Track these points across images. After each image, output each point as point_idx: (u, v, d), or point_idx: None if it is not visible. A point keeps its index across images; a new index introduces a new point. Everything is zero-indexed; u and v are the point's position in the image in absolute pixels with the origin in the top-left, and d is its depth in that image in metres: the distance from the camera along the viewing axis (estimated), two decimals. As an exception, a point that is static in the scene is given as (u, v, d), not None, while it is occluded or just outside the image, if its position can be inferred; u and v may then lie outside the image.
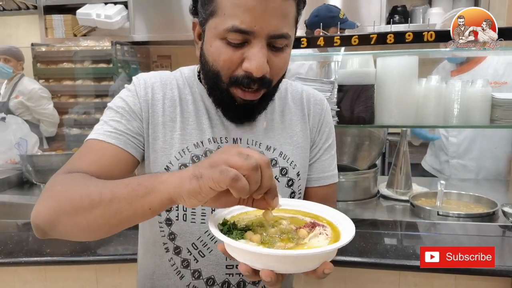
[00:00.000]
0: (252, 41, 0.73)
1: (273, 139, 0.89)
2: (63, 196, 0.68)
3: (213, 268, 0.87)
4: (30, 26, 3.82)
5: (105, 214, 0.65)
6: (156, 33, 3.37)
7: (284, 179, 0.88)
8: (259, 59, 0.73)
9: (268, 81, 0.78)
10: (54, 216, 0.68)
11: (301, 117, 0.93)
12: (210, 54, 0.78)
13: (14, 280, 1.34)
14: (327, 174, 0.95)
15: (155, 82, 0.87)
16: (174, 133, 0.85)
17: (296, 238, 0.63)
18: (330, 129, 0.96)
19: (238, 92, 0.78)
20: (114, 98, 0.87)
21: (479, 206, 1.53)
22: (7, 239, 1.42)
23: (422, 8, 3.18)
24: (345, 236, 0.62)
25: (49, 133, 3.39)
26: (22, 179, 2.08)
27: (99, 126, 0.83)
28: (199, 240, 0.85)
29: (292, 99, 0.94)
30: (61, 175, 0.74)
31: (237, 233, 0.63)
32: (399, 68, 1.43)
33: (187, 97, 0.88)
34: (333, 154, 0.97)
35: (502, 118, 1.40)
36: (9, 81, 3.35)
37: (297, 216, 0.71)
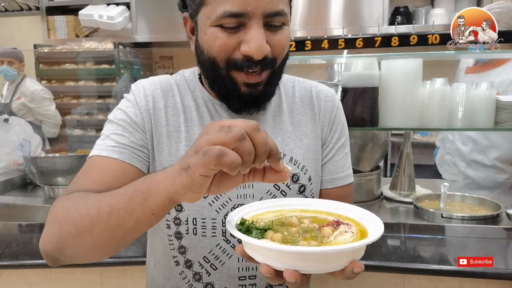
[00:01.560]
0: (248, 23, 0.70)
1: (283, 143, 0.85)
2: (65, 219, 0.65)
3: (226, 281, 0.84)
4: (32, 27, 3.82)
5: (108, 228, 0.61)
6: (158, 34, 3.37)
7: (296, 186, 0.85)
8: (258, 41, 0.69)
9: (271, 60, 0.74)
10: (60, 240, 0.65)
11: (311, 117, 0.88)
12: (205, 42, 0.74)
13: (19, 282, 1.35)
14: (340, 174, 0.90)
15: (156, 90, 0.83)
16: (180, 144, 0.81)
17: (320, 237, 0.58)
18: (342, 127, 0.91)
19: (241, 77, 0.74)
20: (113, 110, 0.83)
21: (482, 208, 1.53)
22: (12, 241, 1.42)
23: (424, 8, 3.18)
24: (374, 233, 0.57)
25: (51, 134, 3.40)
26: (25, 181, 2.08)
27: (100, 141, 0.79)
28: (210, 253, 0.83)
29: (300, 98, 0.90)
30: (62, 197, 0.71)
31: (257, 233, 0.58)
32: (403, 70, 1.43)
33: (189, 103, 0.84)
34: (347, 153, 0.92)
35: (507, 121, 1.40)
36: (11, 83, 3.36)
37: (318, 216, 0.66)
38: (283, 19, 0.73)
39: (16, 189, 2.02)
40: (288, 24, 0.76)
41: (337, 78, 2.13)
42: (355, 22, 3.09)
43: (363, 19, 3.09)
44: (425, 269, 1.20)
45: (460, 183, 1.99)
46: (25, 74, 3.39)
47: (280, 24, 0.73)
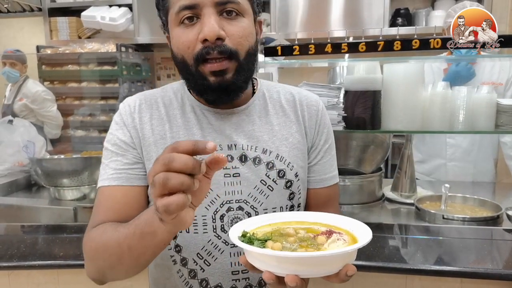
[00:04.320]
0: (201, 13, 0.77)
1: (269, 142, 0.89)
2: (96, 257, 0.79)
3: (220, 276, 0.88)
4: (35, 28, 3.84)
5: (132, 260, 0.73)
6: (160, 35, 3.34)
7: (282, 181, 0.89)
8: (208, 23, 0.76)
9: (229, 49, 0.78)
10: (99, 272, 0.80)
11: (295, 119, 0.93)
12: (174, 44, 0.82)
13: (27, 282, 1.36)
14: (328, 175, 0.96)
15: (141, 104, 0.90)
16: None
17: (316, 245, 0.64)
18: (328, 130, 0.97)
19: (206, 67, 0.79)
20: (107, 134, 0.91)
21: (483, 210, 1.55)
22: (19, 242, 1.44)
23: (425, 10, 3.19)
24: (363, 238, 0.63)
25: (53, 135, 3.41)
26: (30, 182, 2.10)
27: (102, 170, 0.88)
28: (203, 249, 0.87)
29: (286, 101, 0.95)
30: (88, 233, 0.83)
31: (258, 243, 0.64)
32: (405, 74, 1.45)
33: (175, 111, 0.89)
34: (333, 154, 0.98)
35: (507, 124, 1.42)
36: (14, 84, 3.38)
37: (312, 227, 0.73)
38: (236, 7, 0.78)
39: (21, 190, 2.04)
40: (246, 17, 0.81)
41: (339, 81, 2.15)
42: (356, 24, 3.11)
43: (364, 21, 3.11)
44: (427, 270, 1.22)
45: (460, 185, 2.02)
46: (27, 76, 3.41)
47: (233, 13, 0.79)
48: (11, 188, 2.00)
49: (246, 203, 0.87)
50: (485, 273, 1.19)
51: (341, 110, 1.47)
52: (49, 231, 1.54)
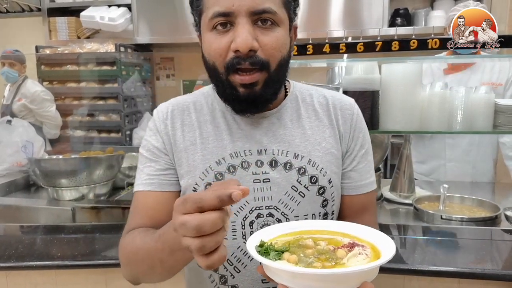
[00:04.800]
0: (235, 22, 0.75)
1: (301, 146, 0.87)
2: (132, 263, 0.83)
3: (250, 283, 0.87)
4: (34, 28, 3.83)
5: (164, 268, 0.76)
6: (160, 35, 3.38)
7: (315, 188, 0.86)
8: (242, 34, 0.74)
9: (261, 60, 0.76)
10: (134, 276, 0.85)
11: (328, 123, 0.90)
12: (205, 49, 0.81)
13: (25, 283, 1.36)
14: (364, 182, 0.92)
15: (174, 110, 0.91)
16: (196, 155, 0.87)
17: (335, 259, 0.62)
18: (364, 135, 0.93)
19: (236, 78, 0.78)
20: (142, 140, 0.93)
21: (481, 210, 1.55)
22: (17, 243, 1.44)
23: (424, 11, 3.19)
24: (385, 255, 0.60)
25: (52, 135, 3.41)
26: (28, 182, 2.10)
27: (138, 175, 0.91)
28: (233, 255, 0.86)
29: (319, 104, 0.92)
30: (123, 238, 0.87)
31: (274, 255, 0.62)
32: (404, 74, 1.45)
33: (205, 117, 0.90)
34: (370, 160, 0.94)
35: (505, 124, 1.42)
36: (13, 84, 3.37)
37: (335, 237, 0.70)
38: (272, 17, 0.76)
39: (19, 191, 2.04)
40: (281, 26, 0.79)
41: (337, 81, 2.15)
42: (355, 24, 3.11)
43: (363, 21, 3.11)
44: (425, 270, 1.22)
45: (459, 185, 2.02)
46: (26, 76, 3.40)
47: (268, 23, 0.76)
48: (10, 188, 2.00)
49: (277, 210, 0.85)
50: (483, 274, 1.19)
51: (339, 110, 1.46)
52: (47, 231, 1.54)
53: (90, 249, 1.39)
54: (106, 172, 1.81)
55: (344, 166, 0.91)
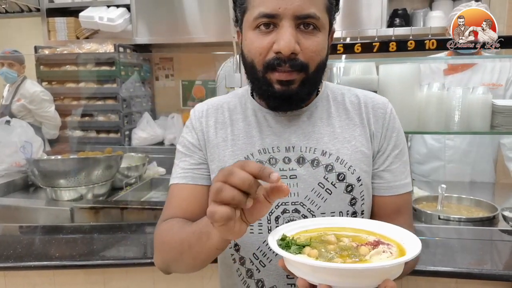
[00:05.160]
0: (279, 24, 0.78)
1: (329, 144, 0.87)
2: (163, 249, 0.87)
3: (275, 278, 0.89)
4: (33, 28, 3.83)
5: (192, 256, 0.80)
6: (159, 36, 3.38)
7: (342, 185, 0.86)
8: (285, 37, 0.76)
9: (301, 63, 0.79)
10: (164, 264, 0.89)
11: (359, 122, 0.90)
12: (245, 46, 0.84)
13: (23, 283, 1.37)
14: (398, 183, 0.90)
15: (209, 109, 0.96)
16: (226, 151, 0.90)
17: (357, 255, 0.61)
18: (398, 134, 0.91)
19: (274, 76, 0.80)
20: (179, 138, 0.98)
21: (479, 210, 1.56)
22: (16, 243, 1.44)
23: (422, 11, 3.19)
24: (410, 253, 0.59)
25: (51, 135, 3.41)
26: (27, 183, 2.10)
27: (173, 169, 0.95)
28: (258, 250, 0.88)
29: (351, 103, 0.92)
30: (159, 226, 0.91)
31: (295, 249, 0.62)
32: (401, 75, 1.45)
33: (237, 116, 0.94)
34: (405, 161, 0.92)
35: (503, 125, 1.42)
36: (12, 84, 3.37)
37: (360, 235, 0.68)
38: (315, 22, 0.79)
39: (18, 191, 2.04)
40: (322, 31, 0.81)
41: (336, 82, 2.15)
42: (354, 24, 3.11)
43: (362, 21, 3.11)
44: (423, 270, 1.22)
45: (458, 185, 2.02)
46: (25, 76, 3.40)
47: (311, 27, 0.79)
48: (8, 188, 2.00)
49: (303, 206, 0.86)
50: (480, 274, 1.19)
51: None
52: (46, 231, 1.55)
53: (88, 249, 1.39)
54: (105, 173, 1.81)
55: (376, 165, 0.90)
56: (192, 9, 3.22)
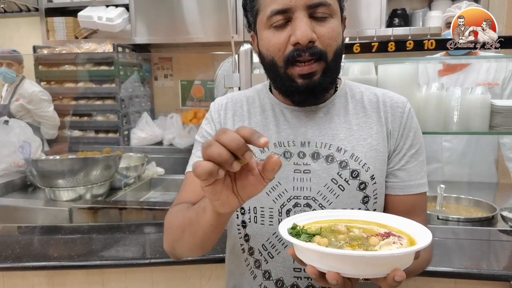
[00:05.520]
0: (293, 17, 0.79)
1: (345, 140, 0.88)
2: (170, 230, 0.87)
3: (282, 270, 0.90)
4: (31, 28, 3.83)
5: (190, 236, 0.80)
6: (158, 36, 3.37)
7: (355, 182, 0.86)
8: (301, 27, 0.78)
9: (319, 51, 0.80)
10: (170, 246, 0.88)
11: (377, 120, 0.90)
12: (263, 46, 0.85)
13: (22, 284, 1.36)
14: (413, 182, 0.89)
15: (228, 102, 0.98)
16: None
17: (367, 245, 0.61)
18: (415, 134, 0.91)
19: (295, 70, 0.81)
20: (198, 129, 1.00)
21: (478, 210, 1.56)
22: (14, 243, 1.44)
23: (421, 11, 3.19)
24: (420, 244, 0.59)
25: (49, 135, 3.40)
26: (26, 183, 2.10)
27: (190, 158, 0.98)
28: (268, 241, 0.90)
29: (369, 102, 0.92)
30: (170, 210, 0.92)
31: (305, 237, 0.63)
32: (400, 75, 1.45)
33: (256, 109, 0.95)
34: (421, 161, 0.91)
35: (501, 125, 1.42)
36: (10, 84, 3.37)
37: (371, 227, 0.69)
38: (327, 10, 0.80)
39: (17, 191, 2.04)
40: (335, 17, 0.82)
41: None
42: (353, 24, 3.11)
43: (361, 21, 3.11)
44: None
45: (457, 185, 2.02)
46: (24, 76, 3.40)
47: (325, 15, 0.80)
48: (7, 188, 2.00)
49: (315, 201, 0.87)
50: (479, 274, 1.20)
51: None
52: (44, 232, 1.54)
53: (87, 249, 1.39)
54: (103, 173, 1.81)
55: (391, 164, 0.90)
56: (191, 9, 3.22)
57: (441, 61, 2.07)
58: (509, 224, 1.42)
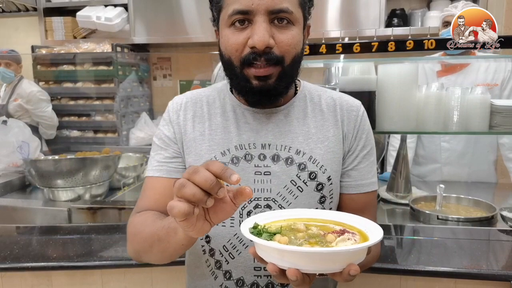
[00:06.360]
0: (253, 20, 0.79)
1: (303, 143, 0.90)
2: (135, 240, 0.89)
3: (242, 270, 0.91)
4: (30, 28, 3.82)
5: (160, 249, 0.81)
6: (156, 35, 3.37)
7: (313, 183, 0.90)
8: (259, 32, 0.78)
9: (276, 57, 0.81)
10: (135, 254, 0.90)
11: (333, 123, 0.93)
12: (222, 44, 0.85)
13: (20, 284, 1.36)
14: (365, 181, 0.95)
15: (187, 102, 0.96)
16: (203, 145, 0.92)
17: (324, 242, 0.65)
18: (367, 136, 0.96)
19: (251, 71, 0.82)
20: (156, 129, 0.99)
21: (478, 210, 1.56)
22: (13, 244, 1.43)
23: (420, 11, 3.20)
24: (372, 240, 0.63)
25: (48, 135, 3.40)
26: (24, 183, 2.09)
27: (149, 162, 0.96)
28: (229, 242, 0.91)
29: (326, 105, 0.95)
30: (132, 217, 0.93)
31: (266, 236, 0.66)
32: (400, 75, 1.45)
33: (216, 110, 0.94)
34: (372, 161, 0.96)
35: (501, 125, 1.42)
36: (9, 84, 3.36)
37: (328, 225, 0.73)
38: (288, 16, 0.81)
39: (15, 191, 2.03)
40: (296, 25, 0.83)
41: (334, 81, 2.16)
42: (352, 24, 3.11)
43: (360, 21, 3.11)
44: (421, 271, 1.22)
45: (456, 185, 2.02)
46: (22, 76, 3.39)
47: (285, 21, 0.81)
48: (5, 189, 1.99)
49: (274, 202, 0.89)
50: (479, 274, 1.20)
51: (336, 111, 1.47)
52: (43, 232, 1.54)
53: (86, 250, 1.39)
54: (102, 173, 1.81)
55: (345, 165, 0.94)
56: (189, 9, 3.22)
57: (439, 61, 2.07)
58: (509, 224, 1.42)
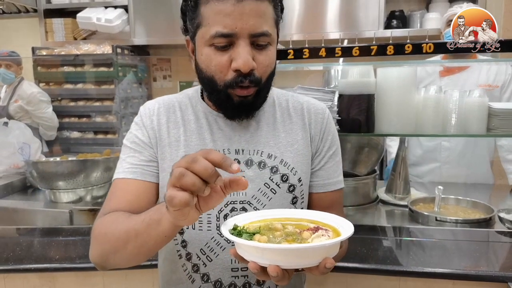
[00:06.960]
0: (236, 42, 0.81)
1: (274, 147, 0.94)
2: (103, 240, 0.84)
3: (220, 272, 0.93)
4: (30, 29, 3.82)
5: (136, 247, 0.79)
6: (156, 37, 3.38)
7: (285, 185, 0.94)
8: (244, 56, 0.80)
9: (257, 79, 0.84)
10: (103, 257, 0.85)
11: (301, 126, 0.98)
12: (202, 61, 0.86)
13: (23, 285, 1.37)
14: (332, 180, 0.99)
15: (160, 108, 0.97)
16: (179, 151, 0.93)
17: (300, 239, 0.69)
18: (333, 137, 1.00)
19: (234, 91, 0.85)
20: (126, 134, 0.98)
21: (476, 212, 1.57)
22: (15, 245, 1.44)
23: (419, 13, 3.21)
24: (344, 235, 0.68)
25: (48, 136, 3.40)
26: (25, 184, 2.10)
27: (119, 164, 0.95)
28: (206, 246, 0.92)
29: (294, 109, 1.00)
30: (99, 219, 0.88)
31: (246, 236, 0.69)
32: (399, 78, 1.46)
33: (189, 117, 0.96)
34: (338, 161, 1.01)
35: (499, 127, 1.44)
36: (9, 85, 3.36)
37: (302, 223, 0.77)
38: (268, 39, 0.84)
39: (16, 193, 2.03)
40: (273, 44, 0.87)
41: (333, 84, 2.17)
42: (351, 26, 3.12)
43: (359, 23, 3.12)
44: (420, 272, 1.23)
45: (454, 186, 2.03)
46: (22, 77, 3.39)
47: (265, 43, 0.84)
48: (7, 190, 1.99)
49: (250, 204, 0.92)
50: (477, 275, 1.21)
51: (335, 113, 1.48)
52: (45, 234, 1.55)
53: (87, 251, 1.39)
54: (104, 174, 1.82)
55: (313, 165, 0.99)
56: (190, 10, 3.22)
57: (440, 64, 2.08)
58: (507, 226, 1.44)
